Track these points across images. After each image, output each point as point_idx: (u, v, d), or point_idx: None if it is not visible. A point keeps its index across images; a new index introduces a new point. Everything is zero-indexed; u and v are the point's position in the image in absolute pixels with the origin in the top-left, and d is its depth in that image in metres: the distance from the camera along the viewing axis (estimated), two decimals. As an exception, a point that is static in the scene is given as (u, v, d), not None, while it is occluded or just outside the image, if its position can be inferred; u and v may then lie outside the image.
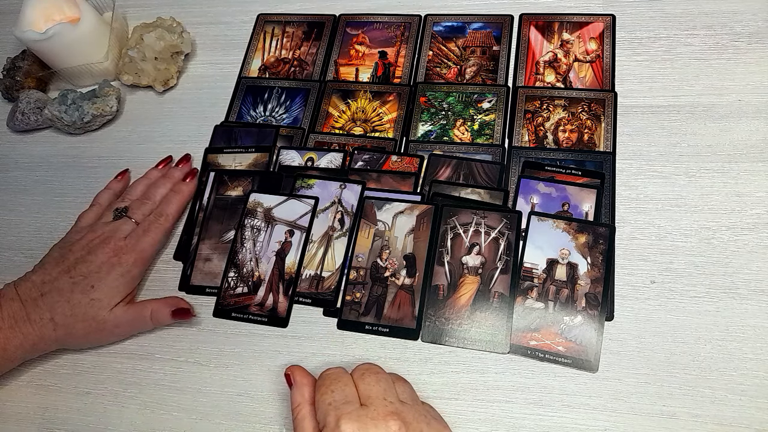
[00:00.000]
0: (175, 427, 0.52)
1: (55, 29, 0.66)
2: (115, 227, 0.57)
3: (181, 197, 0.61)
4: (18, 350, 0.52)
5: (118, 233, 0.56)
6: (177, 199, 0.60)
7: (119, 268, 0.54)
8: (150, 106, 0.71)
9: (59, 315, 0.52)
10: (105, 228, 0.57)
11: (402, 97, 0.65)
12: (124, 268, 0.54)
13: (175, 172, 0.63)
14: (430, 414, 0.44)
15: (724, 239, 0.53)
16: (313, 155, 0.62)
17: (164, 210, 0.59)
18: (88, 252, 0.54)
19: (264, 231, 0.58)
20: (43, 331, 0.52)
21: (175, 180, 0.62)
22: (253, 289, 0.56)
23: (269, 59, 0.71)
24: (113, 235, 0.56)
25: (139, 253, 0.55)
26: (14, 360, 0.53)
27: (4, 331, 0.51)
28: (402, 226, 0.56)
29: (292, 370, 0.47)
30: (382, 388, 0.42)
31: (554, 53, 0.65)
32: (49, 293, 0.52)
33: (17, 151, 0.71)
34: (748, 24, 0.63)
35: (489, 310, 0.52)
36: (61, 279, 0.53)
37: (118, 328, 0.54)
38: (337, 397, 0.42)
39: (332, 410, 0.41)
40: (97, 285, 0.53)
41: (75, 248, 0.55)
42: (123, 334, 0.55)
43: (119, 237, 0.56)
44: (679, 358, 0.49)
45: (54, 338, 0.52)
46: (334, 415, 0.40)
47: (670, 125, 0.59)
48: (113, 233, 0.56)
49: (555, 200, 0.56)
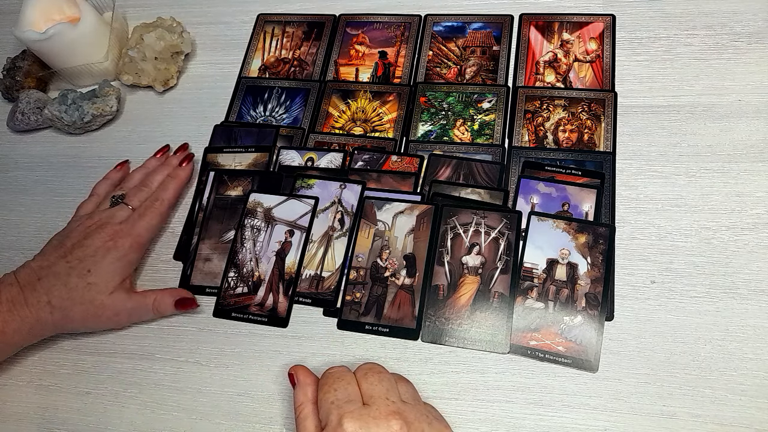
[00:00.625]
0: (175, 427, 0.52)
1: (55, 29, 0.66)
2: (111, 213, 0.58)
3: (177, 182, 0.61)
4: (16, 335, 0.52)
5: (114, 218, 0.57)
6: (173, 184, 0.61)
7: (115, 252, 0.54)
8: (150, 106, 0.71)
9: (56, 298, 0.52)
10: (102, 214, 0.58)
11: (402, 97, 0.65)
12: (120, 252, 0.55)
13: (172, 160, 0.64)
14: (431, 414, 0.44)
15: (724, 239, 0.53)
16: (313, 155, 0.62)
17: (160, 195, 0.60)
18: (84, 237, 0.55)
19: (264, 231, 0.58)
20: (40, 314, 0.52)
21: (172, 166, 0.63)
22: (253, 289, 0.56)
23: (269, 59, 0.71)
24: (110, 220, 0.57)
25: (135, 238, 0.56)
26: (12, 344, 0.53)
27: (2, 315, 0.51)
28: (402, 226, 0.56)
29: (296, 369, 0.47)
30: (384, 388, 0.43)
31: (554, 53, 0.65)
32: (46, 277, 0.53)
33: (17, 151, 0.71)
34: (748, 24, 0.63)
35: (489, 310, 0.52)
36: (58, 264, 0.53)
37: (117, 315, 0.54)
38: (339, 396, 0.42)
39: (335, 409, 0.41)
40: (93, 269, 0.53)
41: (72, 234, 0.56)
42: (122, 322, 0.56)
43: (115, 222, 0.57)
44: (679, 358, 0.49)
45: (51, 322, 0.53)
46: (337, 414, 0.40)
47: (670, 125, 0.59)
48: (110, 219, 0.57)
49: (555, 200, 0.56)
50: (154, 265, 0.60)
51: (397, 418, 0.40)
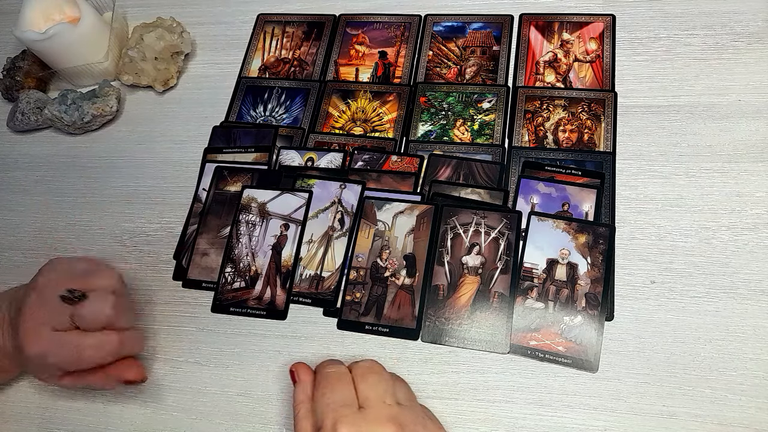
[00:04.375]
0: (175, 427, 0.52)
1: (55, 29, 0.66)
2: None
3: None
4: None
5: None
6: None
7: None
8: (150, 106, 0.71)
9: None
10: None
11: (402, 97, 0.65)
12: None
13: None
14: (426, 415, 0.44)
15: (724, 239, 0.53)
16: (313, 155, 0.62)
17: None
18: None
19: (259, 226, 0.58)
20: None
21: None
22: (250, 284, 0.56)
23: (269, 59, 0.71)
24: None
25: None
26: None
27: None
28: (402, 226, 0.56)
29: (297, 367, 0.47)
30: (381, 390, 0.42)
31: (554, 53, 0.65)
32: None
33: (17, 151, 0.71)
34: (748, 24, 0.63)
35: (489, 310, 0.52)
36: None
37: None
38: (336, 398, 0.42)
39: (330, 412, 0.41)
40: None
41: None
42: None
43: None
44: (679, 358, 0.49)
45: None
46: (332, 418, 0.40)
47: (670, 125, 0.59)
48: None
49: (555, 200, 0.56)
50: (154, 264, 0.60)
51: (392, 424, 0.40)
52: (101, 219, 0.64)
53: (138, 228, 0.63)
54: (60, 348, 0.47)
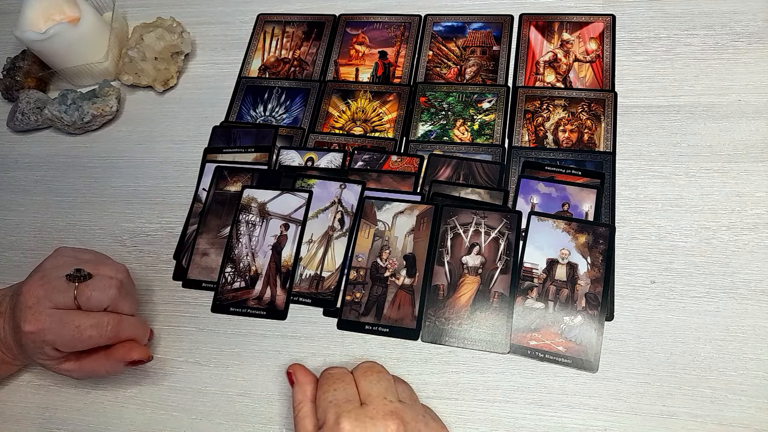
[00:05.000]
0: (175, 427, 0.52)
1: (55, 29, 0.66)
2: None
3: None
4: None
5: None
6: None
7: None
8: (150, 106, 0.71)
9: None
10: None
11: (402, 97, 0.65)
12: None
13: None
14: (428, 414, 0.44)
15: (724, 239, 0.53)
16: (313, 155, 0.62)
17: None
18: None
19: (259, 226, 0.58)
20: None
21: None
22: (250, 284, 0.56)
23: (269, 59, 0.71)
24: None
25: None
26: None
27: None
28: (402, 226, 0.56)
29: (294, 368, 0.47)
30: (383, 387, 0.43)
31: (554, 53, 0.65)
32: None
33: (17, 151, 0.71)
34: (748, 24, 0.63)
35: (489, 310, 0.52)
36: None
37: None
38: (338, 396, 0.42)
39: (332, 407, 0.41)
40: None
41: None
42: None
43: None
44: (679, 358, 0.49)
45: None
46: (334, 413, 0.41)
47: (670, 125, 0.59)
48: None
49: (555, 200, 0.56)
50: (154, 264, 0.60)
51: (394, 419, 0.40)
52: (101, 219, 0.64)
53: (138, 228, 0.63)
54: (60, 326, 0.46)
